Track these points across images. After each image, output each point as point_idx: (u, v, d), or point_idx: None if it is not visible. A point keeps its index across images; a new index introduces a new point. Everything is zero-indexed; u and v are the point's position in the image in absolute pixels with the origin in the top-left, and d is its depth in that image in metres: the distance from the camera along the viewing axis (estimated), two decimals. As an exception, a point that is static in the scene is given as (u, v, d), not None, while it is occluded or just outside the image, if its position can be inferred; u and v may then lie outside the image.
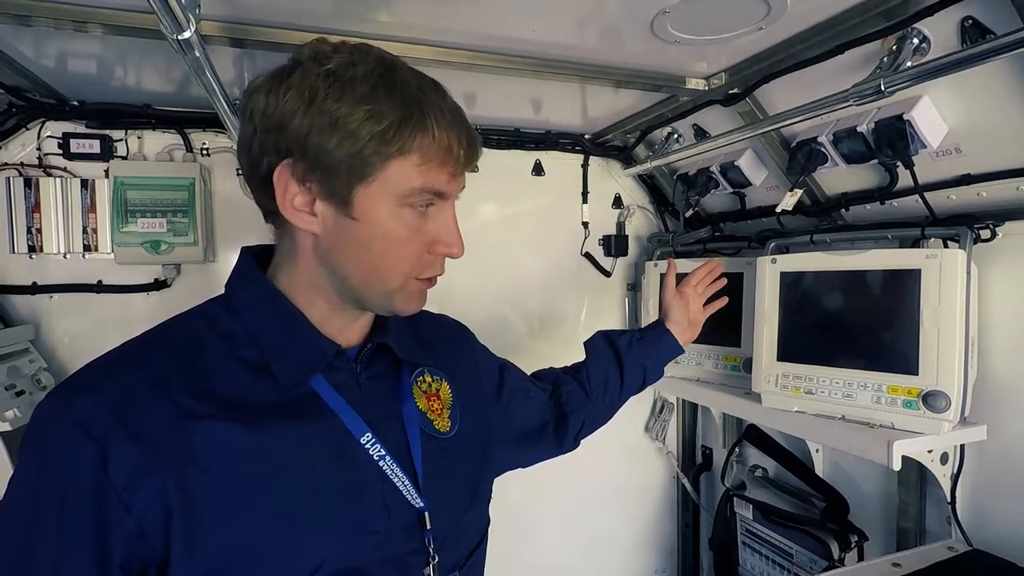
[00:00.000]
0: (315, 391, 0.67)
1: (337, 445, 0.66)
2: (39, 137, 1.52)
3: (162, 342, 0.66)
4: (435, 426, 0.77)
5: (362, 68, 0.61)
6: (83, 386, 0.61)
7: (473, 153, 0.66)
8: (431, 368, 0.82)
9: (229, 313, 0.68)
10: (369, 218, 0.63)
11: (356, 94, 0.60)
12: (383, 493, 0.68)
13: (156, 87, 1.47)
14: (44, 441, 0.58)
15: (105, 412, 0.58)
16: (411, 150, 0.61)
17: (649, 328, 1.25)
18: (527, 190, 1.98)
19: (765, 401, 1.40)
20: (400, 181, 0.62)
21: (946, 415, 1.10)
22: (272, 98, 0.61)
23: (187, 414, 0.60)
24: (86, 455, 0.56)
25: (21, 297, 1.53)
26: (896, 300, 1.19)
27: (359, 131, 0.59)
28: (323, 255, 0.66)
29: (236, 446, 0.61)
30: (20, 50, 1.23)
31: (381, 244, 0.64)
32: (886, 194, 1.31)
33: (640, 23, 1.11)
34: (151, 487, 0.57)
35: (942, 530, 1.32)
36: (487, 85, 1.40)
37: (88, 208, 1.55)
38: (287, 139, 0.60)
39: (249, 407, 0.63)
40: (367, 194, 0.62)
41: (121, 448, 0.57)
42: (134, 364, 0.63)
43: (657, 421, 2.16)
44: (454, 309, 0.95)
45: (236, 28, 1.11)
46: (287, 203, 0.63)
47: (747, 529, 1.76)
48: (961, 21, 0.96)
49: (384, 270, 0.66)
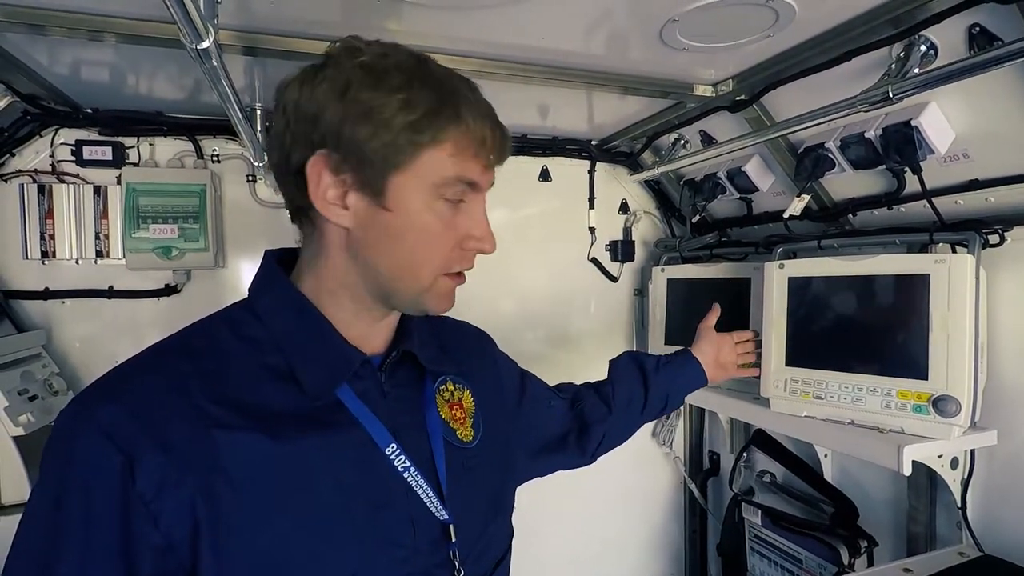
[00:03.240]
0: (340, 400, 0.65)
1: (362, 456, 0.65)
2: (52, 144, 1.54)
3: (186, 348, 0.64)
4: (458, 436, 0.76)
5: (394, 60, 0.62)
6: (107, 394, 0.59)
7: (505, 146, 0.67)
8: (453, 376, 0.80)
9: (253, 318, 0.67)
10: (403, 209, 0.62)
11: (390, 84, 0.60)
12: (408, 505, 0.66)
13: (168, 94, 1.49)
14: (68, 451, 0.57)
15: (131, 421, 0.56)
16: (445, 139, 0.61)
17: (676, 354, 1.24)
18: (534, 196, 1.99)
19: (774, 406, 1.40)
20: (434, 171, 0.62)
21: (956, 420, 1.10)
22: (306, 91, 0.61)
23: (213, 423, 0.59)
24: (112, 466, 0.55)
25: (33, 302, 1.55)
26: (905, 305, 1.19)
27: (393, 120, 0.59)
28: (355, 250, 0.65)
29: (262, 457, 0.60)
30: (36, 58, 1.24)
31: (415, 236, 0.63)
32: (894, 199, 1.31)
33: (649, 31, 1.12)
34: (179, 498, 0.56)
35: (953, 535, 1.32)
36: (495, 92, 1.38)
37: (100, 214, 1.57)
38: (321, 130, 0.60)
39: (274, 416, 0.62)
40: (401, 184, 0.61)
41: (149, 458, 0.55)
42: (158, 371, 0.61)
43: (664, 426, 2.16)
44: (460, 314, 0.96)
45: (249, 37, 1.13)
46: (320, 195, 0.62)
47: (755, 535, 1.75)
48: (969, 28, 0.96)
49: (417, 264, 0.65)
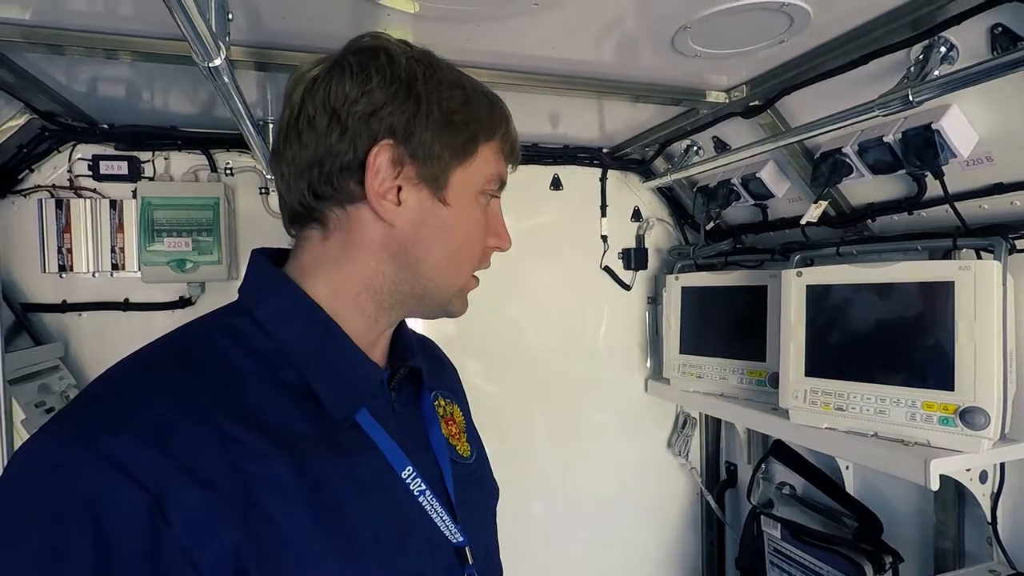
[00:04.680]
0: (357, 422, 0.61)
1: (383, 482, 0.61)
2: (70, 159, 1.56)
3: (184, 361, 0.56)
4: (458, 451, 0.74)
5: (434, 58, 0.63)
6: (110, 420, 0.49)
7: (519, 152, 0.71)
8: (444, 391, 0.79)
9: (254, 326, 0.60)
10: (459, 203, 0.63)
11: (450, 78, 0.62)
12: (425, 530, 0.63)
13: (182, 109, 1.51)
14: (53, 492, 0.46)
15: (154, 452, 0.47)
16: (495, 137, 0.65)
17: None
18: (545, 204, 1.98)
19: (793, 417, 1.37)
20: (487, 166, 0.65)
21: (985, 432, 1.07)
22: (358, 84, 0.59)
23: (242, 452, 0.51)
24: (135, 506, 0.45)
25: (51, 315, 1.57)
26: (929, 313, 1.16)
27: (459, 113, 0.61)
28: (398, 248, 0.62)
29: (293, 489, 0.53)
30: (54, 76, 1.26)
31: (465, 230, 0.65)
32: (915, 204, 1.28)
33: (660, 39, 1.10)
34: (223, 543, 0.48)
35: (983, 552, 1.27)
36: (506, 100, 1.40)
37: (116, 228, 1.59)
38: (383, 123, 0.59)
39: (295, 440, 0.55)
40: (462, 177, 0.63)
41: (185, 496, 0.47)
42: (164, 389, 0.53)
43: (680, 437, 2.12)
44: (474, 324, 0.95)
45: (260, 52, 1.14)
46: (375, 188, 0.59)
47: (775, 548, 1.71)
48: (991, 28, 0.94)
49: (460, 261, 0.66)
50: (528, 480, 1.96)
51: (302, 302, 0.61)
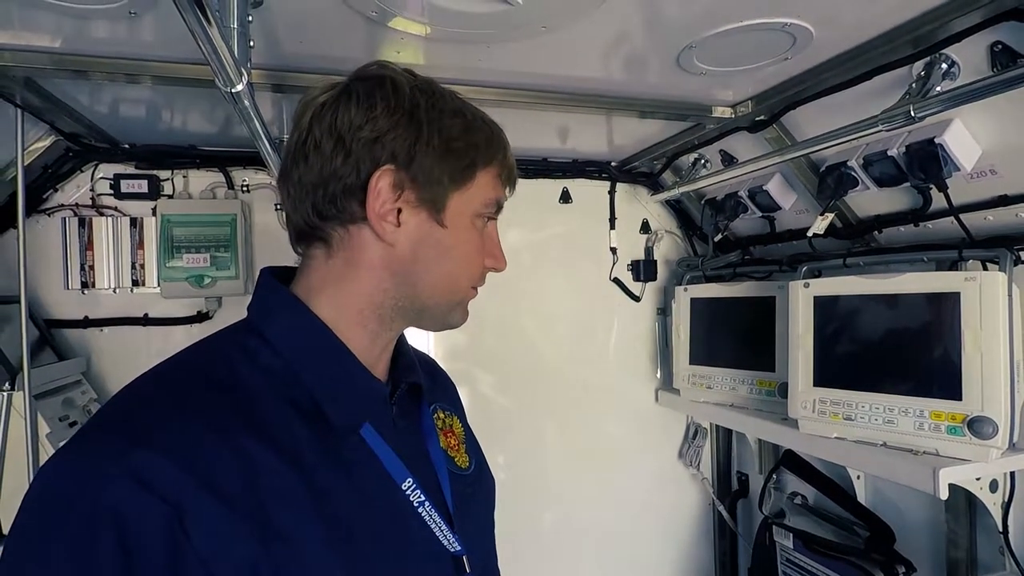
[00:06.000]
0: (361, 435, 0.64)
1: (385, 495, 0.63)
2: (93, 178, 1.61)
3: (208, 378, 0.58)
4: (457, 463, 0.76)
5: (436, 87, 0.66)
6: (132, 435, 0.51)
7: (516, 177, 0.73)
8: (443, 404, 0.81)
9: (265, 345, 0.62)
10: (456, 225, 0.66)
11: (451, 107, 0.65)
12: (425, 541, 0.65)
13: (200, 128, 1.55)
14: (79, 507, 0.48)
15: (177, 468, 0.49)
16: (493, 163, 0.67)
17: None
18: (555, 217, 2.01)
19: (802, 427, 1.38)
20: (484, 191, 0.67)
21: (994, 441, 1.07)
22: (363, 111, 0.62)
23: (259, 468, 0.53)
24: (157, 520, 0.47)
25: (73, 331, 1.61)
26: (935, 324, 1.17)
27: (460, 140, 0.64)
28: (397, 267, 0.65)
29: (304, 504, 0.55)
30: (78, 99, 1.31)
31: (461, 251, 0.67)
32: (920, 216, 1.29)
33: (666, 57, 1.13)
34: (241, 559, 0.50)
35: (995, 561, 1.27)
36: (515, 118, 1.43)
37: (136, 245, 1.63)
38: (386, 149, 0.61)
39: (304, 455, 0.57)
40: (460, 201, 0.65)
41: (204, 509, 0.49)
42: (186, 407, 0.55)
43: (691, 447, 2.13)
44: (484, 335, 0.97)
45: (278, 75, 1.17)
46: (376, 210, 0.62)
47: (788, 559, 1.71)
48: (991, 46, 0.96)
49: (457, 278, 0.68)
50: (539, 490, 1.97)
51: (309, 321, 0.64)
